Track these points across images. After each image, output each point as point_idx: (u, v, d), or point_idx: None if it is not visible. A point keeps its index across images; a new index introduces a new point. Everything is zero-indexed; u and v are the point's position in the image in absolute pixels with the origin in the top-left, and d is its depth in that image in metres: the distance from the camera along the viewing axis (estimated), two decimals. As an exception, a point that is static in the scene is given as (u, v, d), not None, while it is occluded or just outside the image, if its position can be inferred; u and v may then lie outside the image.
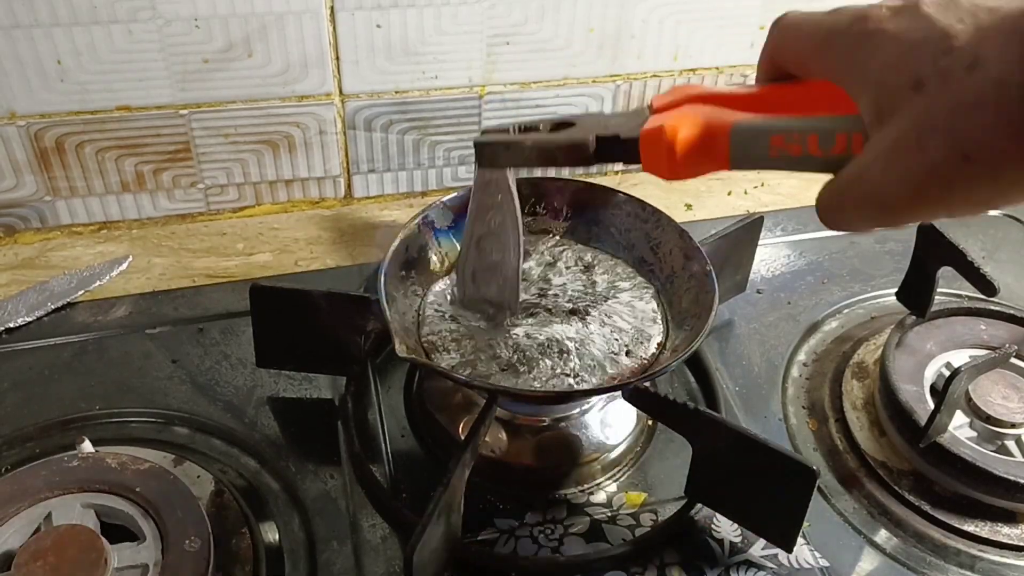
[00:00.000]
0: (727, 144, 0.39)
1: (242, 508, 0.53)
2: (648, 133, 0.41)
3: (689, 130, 0.39)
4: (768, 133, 0.38)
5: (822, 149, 0.37)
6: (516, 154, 0.48)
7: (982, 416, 0.58)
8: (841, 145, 0.36)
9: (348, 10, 0.69)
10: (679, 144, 0.39)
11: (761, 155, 0.38)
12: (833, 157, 0.36)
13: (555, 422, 0.58)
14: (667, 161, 0.40)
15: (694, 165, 0.40)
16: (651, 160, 0.42)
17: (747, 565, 0.52)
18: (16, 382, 0.61)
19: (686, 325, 0.56)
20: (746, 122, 0.39)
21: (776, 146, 0.38)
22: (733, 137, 0.39)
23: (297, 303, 0.57)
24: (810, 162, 0.37)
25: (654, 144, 0.41)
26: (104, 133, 0.71)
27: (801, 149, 0.37)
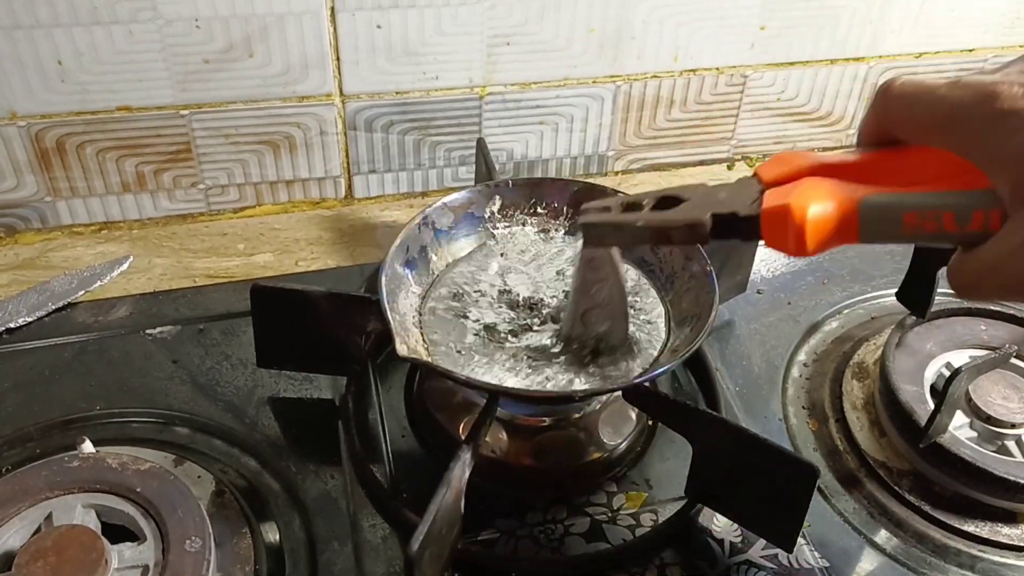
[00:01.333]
0: (857, 221, 0.38)
1: (243, 508, 0.53)
2: (773, 212, 0.40)
3: (819, 209, 0.38)
4: (901, 210, 0.37)
5: (959, 225, 0.36)
6: (627, 234, 0.46)
7: (982, 416, 0.58)
8: (978, 222, 0.35)
9: (348, 11, 0.69)
10: (809, 224, 0.38)
11: (894, 232, 0.37)
12: (970, 233, 0.36)
13: (555, 422, 0.58)
14: (795, 240, 0.39)
15: (824, 243, 0.39)
16: (776, 239, 0.40)
17: (747, 565, 0.52)
18: (17, 382, 0.61)
19: (686, 325, 0.56)
20: (876, 198, 0.38)
21: (910, 223, 0.37)
22: (863, 214, 0.38)
23: (297, 303, 0.57)
24: (944, 238, 0.37)
25: (780, 223, 0.39)
26: (105, 133, 0.71)
27: (937, 226, 0.36)
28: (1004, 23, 0.85)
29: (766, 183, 0.42)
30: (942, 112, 0.36)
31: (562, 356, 0.54)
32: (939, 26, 0.84)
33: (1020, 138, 0.32)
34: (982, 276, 0.35)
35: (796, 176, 0.41)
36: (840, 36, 0.82)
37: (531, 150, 0.82)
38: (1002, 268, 0.34)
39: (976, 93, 0.34)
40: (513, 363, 0.54)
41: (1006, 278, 0.34)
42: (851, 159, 0.40)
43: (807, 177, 0.40)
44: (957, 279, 0.37)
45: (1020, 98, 0.33)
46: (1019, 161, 0.33)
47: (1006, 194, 0.33)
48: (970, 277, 0.36)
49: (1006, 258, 0.34)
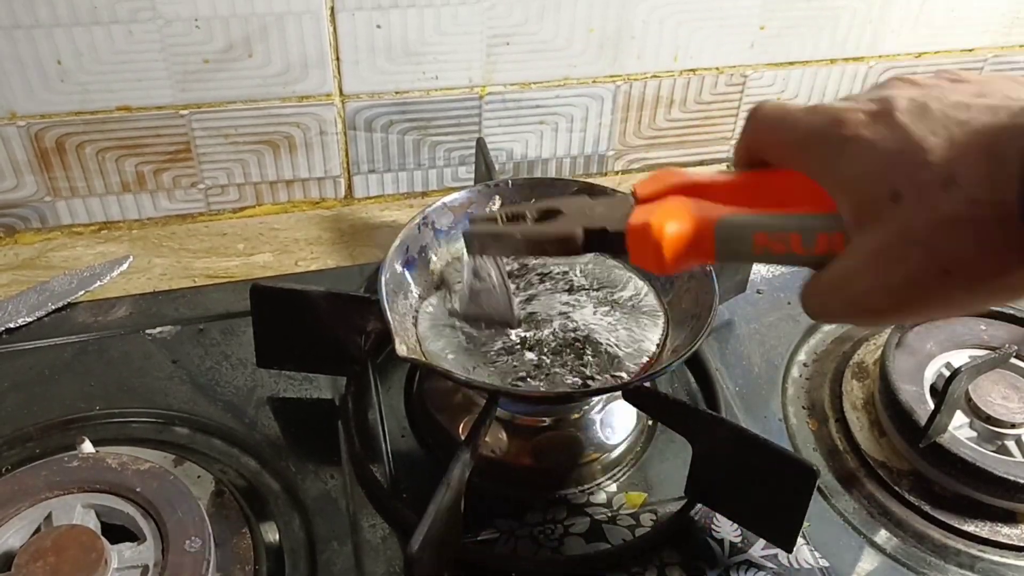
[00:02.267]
0: (712, 240, 0.39)
1: (242, 508, 0.53)
2: (635, 229, 0.41)
3: (675, 227, 0.40)
4: (751, 231, 0.38)
5: (804, 248, 0.37)
6: (506, 245, 0.48)
7: (982, 416, 0.58)
8: (823, 246, 0.37)
9: (348, 10, 0.69)
10: (666, 241, 0.40)
11: (746, 252, 0.39)
12: (815, 256, 0.37)
13: (555, 422, 0.58)
14: (654, 256, 0.41)
15: (681, 260, 0.41)
16: (639, 254, 0.42)
17: (747, 565, 0.52)
18: (16, 382, 0.61)
19: (686, 325, 0.56)
20: (730, 218, 0.39)
21: (760, 244, 0.38)
22: (718, 233, 0.39)
23: (297, 303, 0.57)
24: (793, 259, 0.38)
25: (641, 240, 0.41)
26: (104, 133, 0.71)
27: (784, 247, 0.38)
28: (1004, 23, 0.85)
29: (639, 200, 0.43)
30: (797, 135, 0.37)
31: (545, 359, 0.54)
32: (939, 26, 0.84)
33: (859, 165, 0.34)
34: (825, 296, 0.36)
35: (666, 193, 0.42)
36: (840, 36, 0.82)
37: (531, 150, 0.82)
38: (843, 288, 0.35)
39: (826, 119, 0.35)
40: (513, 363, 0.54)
41: (847, 298, 0.35)
42: (721, 179, 0.42)
43: (672, 196, 0.42)
44: (803, 300, 0.38)
45: (862, 126, 0.34)
46: (857, 186, 0.34)
47: (848, 217, 0.34)
48: (814, 298, 0.37)
49: (846, 279, 0.35)
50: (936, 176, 0.31)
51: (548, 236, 0.46)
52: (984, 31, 0.85)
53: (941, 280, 0.31)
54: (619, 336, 0.56)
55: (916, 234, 0.31)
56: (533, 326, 0.56)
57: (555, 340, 0.55)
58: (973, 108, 0.32)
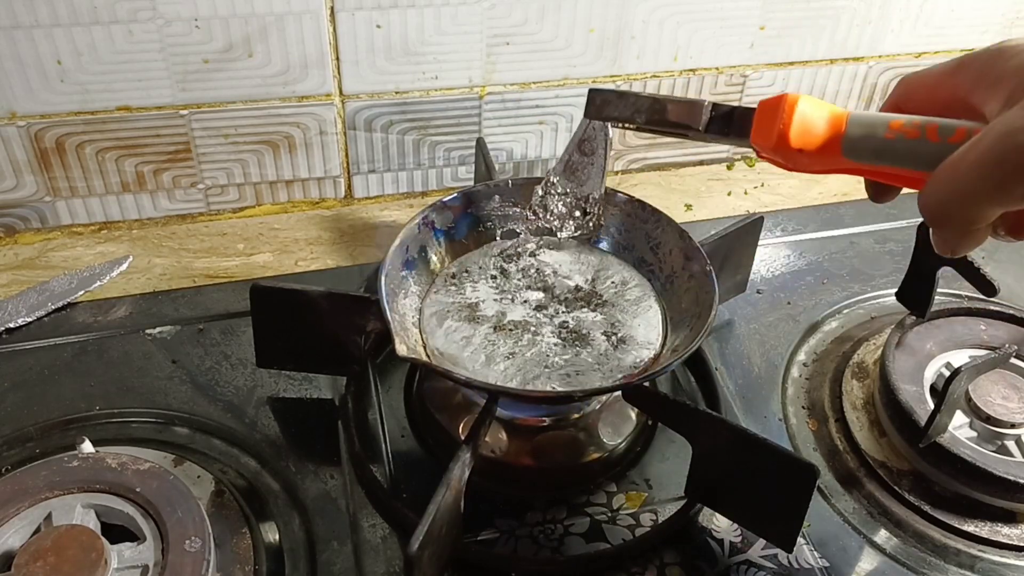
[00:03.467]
0: (844, 126, 0.39)
1: (242, 508, 0.53)
2: (768, 102, 0.41)
3: (809, 105, 0.40)
4: (888, 117, 0.39)
5: (940, 136, 0.37)
6: (626, 105, 0.48)
7: (982, 416, 0.58)
8: (960, 135, 0.37)
9: (348, 10, 0.69)
10: (797, 117, 0.40)
11: (878, 136, 0.38)
12: (949, 146, 0.36)
13: (555, 422, 0.58)
14: (779, 135, 0.40)
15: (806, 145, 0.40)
16: (763, 131, 0.41)
17: (747, 565, 0.52)
18: (16, 382, 0.61)
19: (686, 325, 0.56)
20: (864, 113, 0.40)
21: (894, 128, 0.38)
22: (852, 120, 0.39)
23: (297, 303, 0.57)
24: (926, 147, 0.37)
25: (771, 113, 0.41)
26: (104, 133, 0.71)
27: (919, 134, 0.38)
28: (1004, 23, 0.85)
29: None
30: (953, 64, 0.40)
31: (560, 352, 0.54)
32: (939, 26, 0.84)
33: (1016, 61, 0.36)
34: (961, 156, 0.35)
35: None
36: (840, 36, 0.82)
37: (531, 150, 0.82)
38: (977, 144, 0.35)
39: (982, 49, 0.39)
40: (512, 361, 0.54)
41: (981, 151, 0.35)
42: None
43: None
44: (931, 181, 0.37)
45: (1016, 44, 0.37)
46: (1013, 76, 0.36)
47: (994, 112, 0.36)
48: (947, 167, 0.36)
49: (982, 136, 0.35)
50: None
51: (674, 99, 0.46)
52: (984, 31, 0.85)
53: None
54: (619, 336, 0.56)
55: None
56: (536, 326, 0.56)
57: (556, 340, 0.55)
58: None
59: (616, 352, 0.55)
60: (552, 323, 0.57)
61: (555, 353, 0.55)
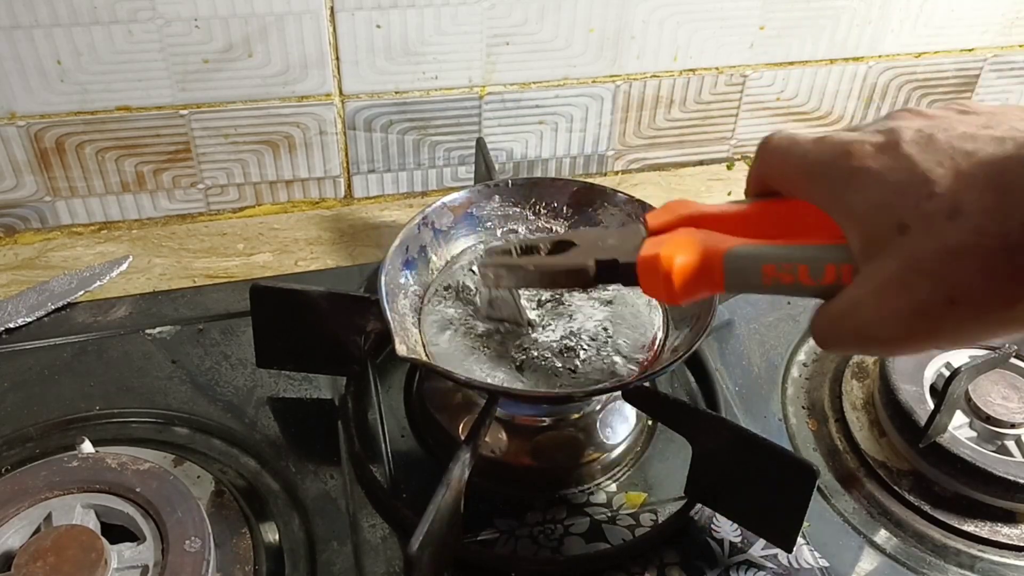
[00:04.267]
0: (722, 272, 0.40)
1: (242, 508, 0.53)
2: (645, 260, 0.42)
3: (685, 258, 0.41)
4: (760, 262, 0.39)
5: (813, 279, 0.37)
6: (520, 277, 0.49)
7: (982, 416, 0.58)
8: (831, 276, 0.37)
9: (348, 10, 0.69)
10: (675, 272, 0.41)
11: (755, 282, 0.39)
12: (823, 287, 0.37)
13: (555, 422, 0.58)
14: (665, 287, 0.41)
15: (691, 291, 0.41)
16: (649, 285, 0.43)
17: (747, 565, 0.52)
18: (16, 382, 0.61)
19: (686, 325, 0.56)
20: (739, 249, 0.40)
21: (768, 275, 0.39)
22: (727, 264, 0.40)
23: (297, 303, 0.57)
24: (802, 290, 0.38)
25: (651, 271, 0.42)
26: (104, 133, 0.71)
27: (792, 279, 0.38)
28: (1004, 23, 0.85)
29: (650, 231, 0.44)
30: (805, 166, 0.37)
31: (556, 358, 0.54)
32: (939, 26, 0.84)
33: (866, 196, 0.34)
34: (834, 326, 0.36)
35: (677, 224, 0.43)
36: (840, 36, 0.82)
37: (531, 150, 0.82)
38: (851, 317, 0.35)
39: (833, 150, 0.36)
40: (513, 362, 0.54)
41: (855, 327, 0.35)
42: (732, 210, 0.42)
43: (682, 227, 0.43)
44: (813, 329, 0.38)
45: (869, 157, 0.34)
46: (866, 217, 0.34)
47: (856, 248, 0.35)
48: (823, 328, 0.37)
49: (854, 308, 0.35)
50: (942, 207, 0.31)
51: (561, 268, 0.47)
52: (984, 31, 0.85)
53: (948, 310, 0.31)
54: (619, 336, 0.56)
55: (923, 264, 0.31)
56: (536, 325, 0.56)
57: (557, 340, 0.55)
58: (979, 139, 0.32)
59: (616, 352, 0.55)
60: (552, 323, 0.57)
61: (555, 353, 0.54)
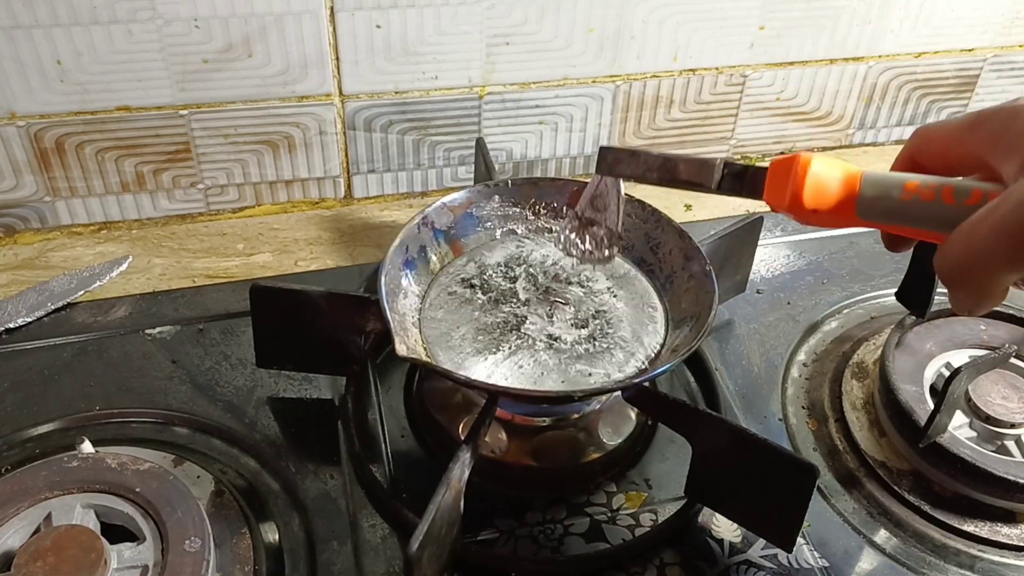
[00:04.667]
0: (857, 187, 0.39)
1: (242, 508, 0.53)
2: (780, 161, 0.41)
3: (823, 166, 0.40)
4: (902, 179, 0.38)
5: (956, 199, 0.37)
6: (638, 163, 0.48)
7: (982, 416, 0.58)
8: (976, 197, 0.36)
9: (348, 10, 0.69)
10: (811, 176, 0.39)
11: (894, 197, 0.38)
12: (965, 208, 0.36)
13: (555, 422, 0.58)
14: (793, 194, 0.40)
15: (820, 202, 0.40)
16: (777, 192, 0.41)
17: (747, 565, 0.52)
18: (16, 382, 0.61)
19: (686, 325, 0.56)
20: (878, 173, 0.39)
21: (910, 189, 0.38)
22: (865, 180, 0.39)
23: (297, 303, 0.57)
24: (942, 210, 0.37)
25: (784, 174, 0.41)
26: (104, 133, 0.71)
27: (934, 196, 0.37)
28: (1004, 23, 0.85)
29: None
30: (968, 120, 0.39)
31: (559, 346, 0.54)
32: (939, 26, 0.84)
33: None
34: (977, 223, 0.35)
35: None
36: (840, 36, 0.82)
37: (530, 150, 0.82)
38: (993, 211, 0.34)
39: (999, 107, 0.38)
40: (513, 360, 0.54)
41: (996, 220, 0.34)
42: None
43: None
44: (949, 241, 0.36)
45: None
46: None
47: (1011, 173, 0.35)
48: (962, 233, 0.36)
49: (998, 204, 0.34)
50: None
51: (687, 158, 0.46)
52: (984, 31, 0.85)
53: None
54: (619, 336, 0.56)
55: None
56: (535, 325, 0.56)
57: (556, 340, 0.55)
58: None
59: (616, 352, 0.55)
60: (552, 323, 0.57)
61: (555, 353, 0.54)
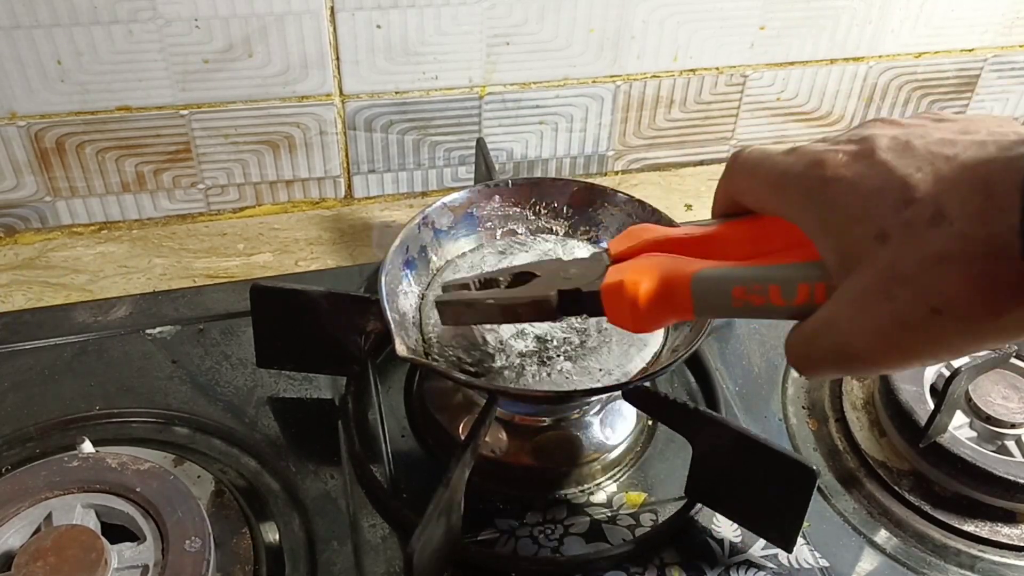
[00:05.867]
0: (689, 296, 0.39)
1: (242, 508, 0.53)
2: (609, 288, 0.41)
3: (650, 284, 0.39)
4: (729, 284, 0.37)
5: (784, 299, 0.36)
6: (480, 312, 0.48)
7: (982, 416, 0.58)
8: (803, 295, 0.35)
9: (348, 10, 0.69)
10: (641, 299, 0.39)
11: (724, 305, 0.38)
12: (796, 307, 0.36)
13: (555, 422, 0.58)
14: (631, 315, 0.40)
15: (658, 317, 0.40)
16: (615, 313, 0.42)
17: (747, 565, 0.52)
18: (16, 382, 0.61)
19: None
20: (707, 272, 0.38)
21: (738, 297, 0.37)
22: (695, 288, 0.38)
23: (297, 303, 0.57)
24: (774, 311, 0.37)
25: (616, 299, 0.41)
26: (104, 133, 0.71)
27: (763, 300, 0.37)
28: (1004, 23, 0.85)
29: (613, 258, 0.43)
30: (776, 177, 0.36)
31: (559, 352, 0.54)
32: (939, 26, 0.84)
33: (842, 206, 0.32)
34: (809, 344, 0.35)
35: (641, 250, 0.42)
36: (840, 36, 0.82)
37: (531, 150, 0.82)
38: (827, 334, 0.34)
39: (805, 160, 0.34)
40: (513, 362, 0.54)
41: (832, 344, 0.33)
42: (697, 232, 0.41)
43: (647, 252, 0.41)
44: (788, 350, 0.36)
45: (843, 166, 0.33)
46: (842, 229, 0.32)
47: (832, 263, 0.33)
48: (799, 349, 0.35)
49: (831, 324, 0.33)
50: (923, 212, 0.30)
51: (522, 300, 0.45)
52: (984, 31, 0.85)
53: (932, 320, 0.30)
54: (619, 336, 0.56)
55: (904, 272, 0.30)
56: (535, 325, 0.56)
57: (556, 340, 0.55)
58: (959, 144, 0.31)
59: (616, 352, 0.55)
60: (552, 323, 0.57)
61: (555, 353, 0.54)
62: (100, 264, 0.73)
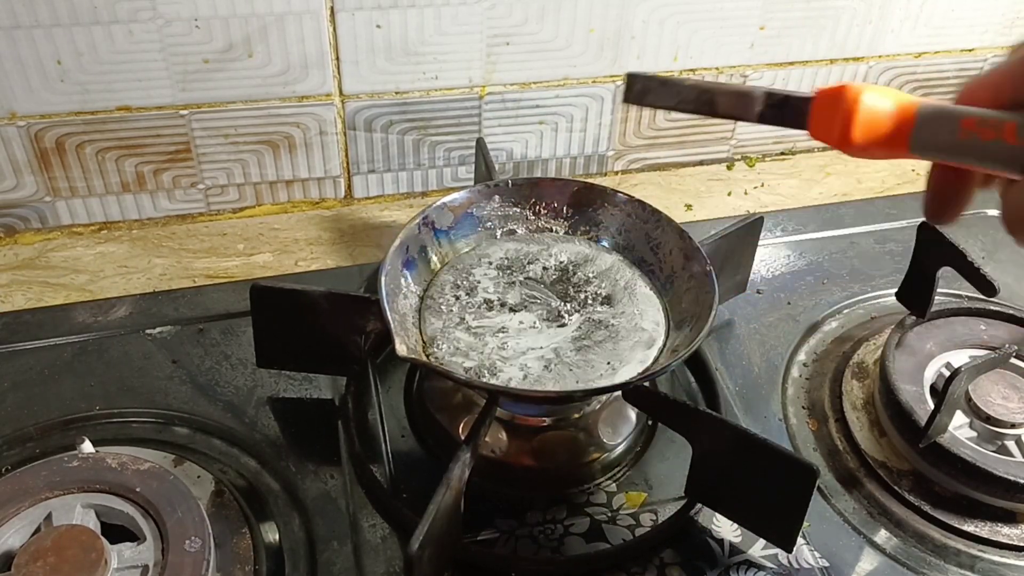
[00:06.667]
0: (912, 121, 0.36)
1: (242, 508, 0.53)
2: (827, 93, 0.38)
3: (875, 97, 0.37)
4: (961, 113, 0.36)
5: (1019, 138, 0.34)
6: (670, 94, 0.43)
7: (982, 416, 0.58)
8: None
9: (348, 10, 0.69)
10: (861, 110, 0.37)
11: (949, 136, 0.36)
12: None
13: (555, 422, 0.58)
14: (841, 126, 0.37)
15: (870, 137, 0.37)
16: (823, 124, 0.38)
17: (747, 565, 0.52)
18: (16, 382, 0.61)
19: (686, 325, 0.56)
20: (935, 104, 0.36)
21: (967, 128, 0.35)
22: (921, 113, 0.36)
23: (297, 303, 0.57)
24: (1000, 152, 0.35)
25: (831, 106, 0.38)
26: (104, 133, 0.71)
27: (995, 135, 0.35)
28: (1004, 23, 0.85)
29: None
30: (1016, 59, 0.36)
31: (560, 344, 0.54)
32: (939, 26, 0.84)
33: None
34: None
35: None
36: (840, 36, 0.82)
37: (531, 150, 0.82)
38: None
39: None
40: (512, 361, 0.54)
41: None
42: None
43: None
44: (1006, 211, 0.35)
45: None
46: None
47: None
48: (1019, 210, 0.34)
49: None
50: None
51: (724, 90, 0.42)
52: (984, 31, 0.85)
53: None
54: (619, 336, 0.56)
55: None
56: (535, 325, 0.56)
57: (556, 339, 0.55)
58: None
59: (616, 352, 0.55)
60: (552, 322, 0.57)
61: (555, 352, 0.54)
62: (100, 264, 0.73)
